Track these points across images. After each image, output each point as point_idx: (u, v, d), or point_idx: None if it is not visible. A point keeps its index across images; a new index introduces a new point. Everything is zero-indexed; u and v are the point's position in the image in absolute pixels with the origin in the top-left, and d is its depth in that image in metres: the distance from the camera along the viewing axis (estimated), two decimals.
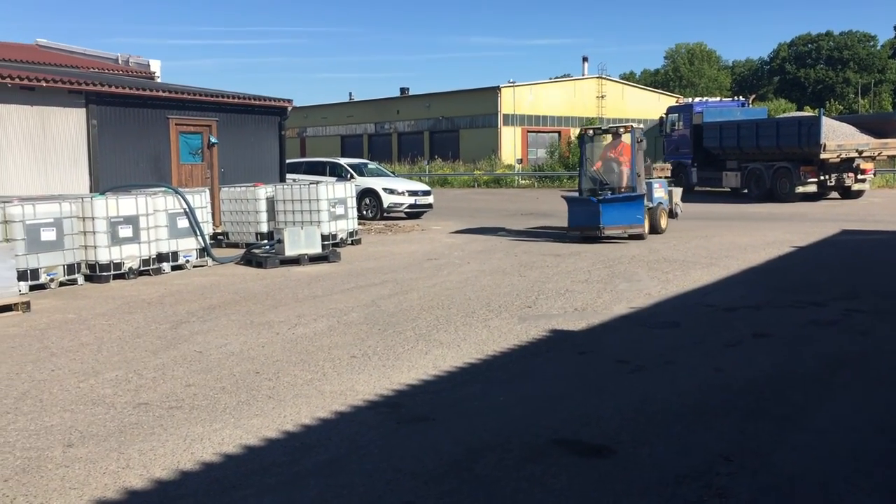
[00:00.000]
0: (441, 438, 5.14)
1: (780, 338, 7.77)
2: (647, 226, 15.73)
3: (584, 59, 59.33)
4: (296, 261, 13.31)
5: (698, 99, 35.39)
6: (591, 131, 16.84)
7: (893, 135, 24.55)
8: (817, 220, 19.14)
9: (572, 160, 37.60)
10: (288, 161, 20.92)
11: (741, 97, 35.30)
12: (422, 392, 6.16)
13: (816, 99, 74.30)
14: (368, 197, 22.47)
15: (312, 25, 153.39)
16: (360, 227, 17.54)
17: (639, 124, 16.75)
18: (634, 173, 15.63)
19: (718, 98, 40.47)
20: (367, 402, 5.90)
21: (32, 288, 10.90)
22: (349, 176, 22.59)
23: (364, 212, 21.95)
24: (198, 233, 13.34)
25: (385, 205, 22.36)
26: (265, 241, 15.21)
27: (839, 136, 24.31)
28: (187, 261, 13.17)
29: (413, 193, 22.89)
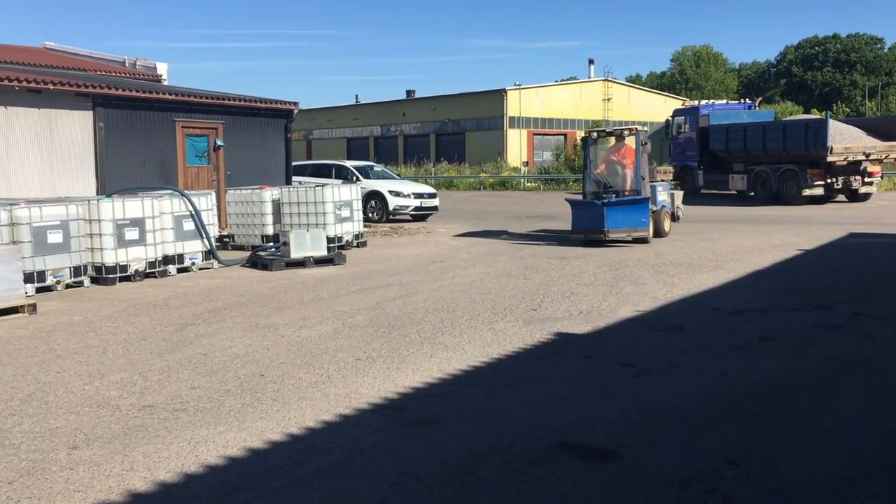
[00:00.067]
0: (445, 442, 5.13)
1: (787, 341, 7.75)
2: (652, 229, 15.72)
3: (591, 62, 59.31)
4: (301, 263, 13.33)
5: (704, 102, 35.38)
6: (595, 134, 16.68)
7: None
8: (824, 224, 19.09)
9: (578, 163, 37.55)
10: (294, 163, 20.95)
11: (748, 100, 35.17)
12: (426, 395, 6.16)
13: (823, 101, 74.11)
14: (374, 199, 22.48)
15: (319, 28, 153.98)
16: (366, 230, 17.55)
17: (643, 127, 16.69)
18: (639, 176, 15.55)
19: (725, 101, 40.43)
20: (372, 405, 5.89)
21: (39, 290, 10.94)
22: (355, 178, 22.60)
23: (370, 214, 21.97)
24: (203, 235, 13.37)
25: (391, 207, 22.37)
26: (271, 244, 15.22)
27: (846, 139, 24.26)
28: (193, 263, 13.19)
29: (419, 196, 22.89)
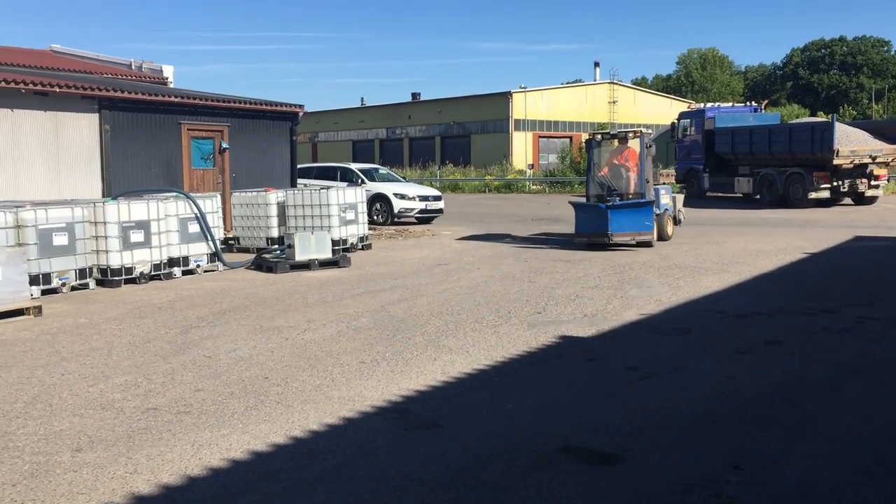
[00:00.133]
0: (449, 445, 5.12)
1: (792, 345, 7.72)
2: (656, 233, 15.60)
3: (596, 65, 59.34)
4: (306, 266, 13.33)
5: (710, 104, 35.33)
6: (600, 136, 16.56)
7: None
8: (830, 227, 19.03)
9: (583, 165, 37.49)
10: (299, 166, 20.98)
11: (754, 103, 35.14)
12: (430, 398, 6.15)
13: (830, 104, 73.95)
14: (379, 202, 22.49)
15: (324, 31, 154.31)
16: (371, 232, 17.56)
17: (648, 130, 16.63)
18: (643, 179, 15.45)
19: (731, 103, 40.35)
20: (376, 408, 5.89)
21: (44, 292, 10.97)
22: (360, 181, 22.62)
23: (375, 217, 21.98)
24: (209, 238, 13.39)
25: (396, 210, 22.38)
26: (276, 246, 15.24)
27: (852, 142, 24.19)
28: (198, 265, 13.21)
29: (424, 198, 22.89)
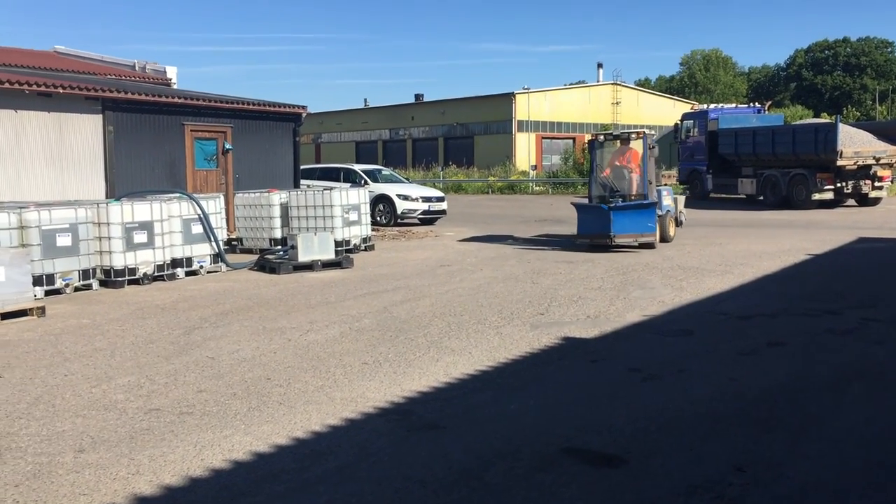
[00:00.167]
0: (451, 446, 5.12)
1: (795, 346, 7.70)
2: (658, 234, 15.48)
3: (599, 66, 59.42)
4: (309, 267, 13.34)
5: (713, 105, 35.30)
6: (602, 137, 16.47)
7: None
8: (833, 228, 19.00)
9: (587, 166, 37.46)
10: (302, 167, 20.99)
11: (757, 104, 35.10)
12: (433, 399, 6.15)
13: (833, 105, 73.82)
14: (382, 203, 22.50)
15: (328, 32, 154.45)
16: (374, 233, 17.56)
17: (651, 131, 16.57)
18: (646, 180, 15.37)
19: (734, 105, 40.35)
20: (378, 410, 5.89)
21: (48, 293, 10.98)
22: (363, 182, 22.64)
23: (378, 218, 21.98)
24: (212, 238, 13.40)
25: (399, 211, 22.38)
26: (279, 247, 15.24)
27: (856, 143, 24.15)
28: (201, 266, 13.22)
29: (427, 199, 22.90)
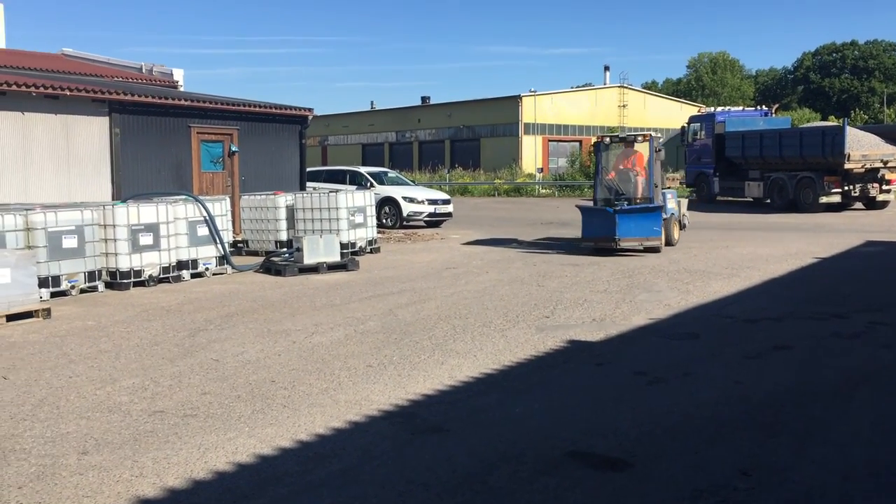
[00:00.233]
0: (455, 450, 5.10)
1: (802, 350, 7.67)
2: (663, 238, 15.34)
3: (606, 69, 59.33)
4: (314, 269, 13.34)
5: (720, 108, 35.21)
6: (608, 139, 16.30)
7: None
8: (841, 231, 18.93)
9: (593, 169, 37.48)
10: (308, 169, 20.98)
11: (764, 107, 35.02)
12: (437, 402, 6.13)
13: (841, 108, 73.57)
14: (388, 205, 22.50)
15: (334, 34, 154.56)
16: (380, 236, 17.55)
17: (657, 134, 16.51)
18: (651, 183, 15.26)
19: (741, 107, 40.25)
20: (382, 412, 5.87)
21: (54, 295, 11.00)
22: (369, 184, 22.63)
23: (383, 220, 21.98)
24: (217, 241, 13.41)
25: (405, 213, 22.37)
26: (284, 250, 15.26)
27: (864, 146, 24.07)
28: (207, 268, 13.23)
29: (433, 202, 22.88)
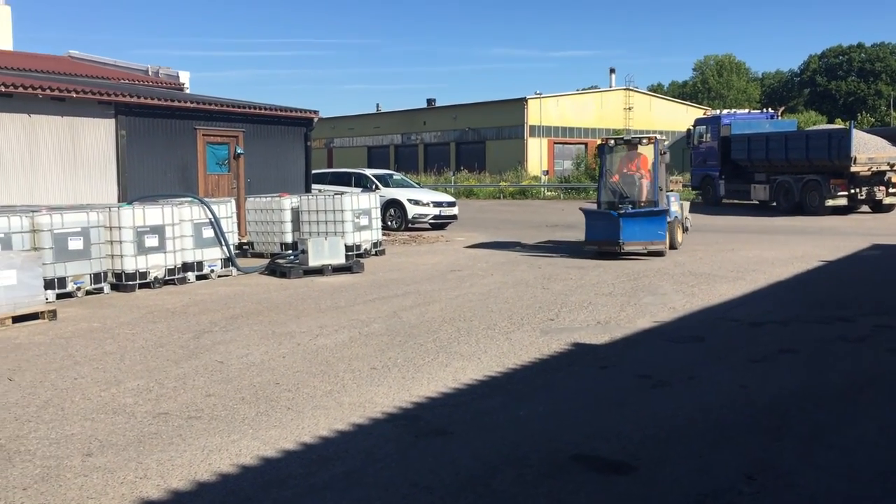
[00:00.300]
0: (459, 453, 5.09)
1: (807, 354, 7.64)
2: (668, 241, 15.09)
3: (612, 71, 59.26)
4: (319, 271, 13.34)
5: (726, 111, 35.17)
6: (613, 142, 16.21)
7: None
8: (847, 234, 18.88)
9: (598, 172, 37.43)
10: (314, 172, 21.03)
11: (770, 109, 34.96)
12: (441, 405, 6.12)
13: (848, 111, 73.34)
14: (393, 208, 22.51)
15: (340, 37, 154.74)
16: (385, 238, 17.56)
17: (662, 136, 16.44)
18: (656, 187, 15.14)
19: (747, 110, 40.21)
20: (386, 415, 5.87)
21: (59, 296, 11.03)
22: (374, 187, 22.65)
23: (389, 222, 21.99)
24: (223, 243, 13.42)
25: (410, 216, 22.38)
26: (289, 252, 15.27)
27: (870, 149, 24.02)
28: (212, 270, 13.25)
29: (438, 204, 22.90)
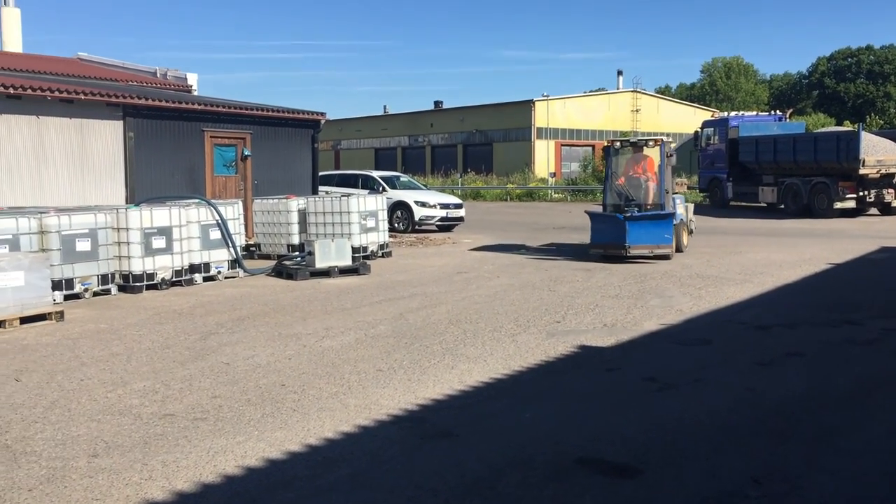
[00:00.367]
0: (464, 455, 5.08)
1: (815, 357, 7.61)
2: (674, 244, 14.93)
3: (619, 73, 59.15)
4: (326, 273, 13.35)
5: (734, 113, 35.09)
6: (618, 144, 16.00)
7: None
8: (855, 237, 18.80)
9: (604, 174, 37.36)
10: (321, 173, 21.06)
11: (778, 111, 34.88)
12: (446, 407, 6.12)
13: (856, 114, 73.05)
14: (400, 210, 22.52)
15: (348, 39, 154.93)
16: (392, 240, 17.56)
17: (669, 138, 16.34)
18: (663, 189, 14.99)
19: (755, 112, 40.11)
20: (391, 417, 5.86)
21: (67, 297, 11.05)
22: (381, 188, 22.66)
23: (395, 224, 22.00)
24: (230, 244, 13.45)
25: (416, 218, 22.39)
26: (296, 253, 15.28)
27: (879, 152, 23.91)
28: (219, 272, 13.27)
29: (445, 206, 22.90)
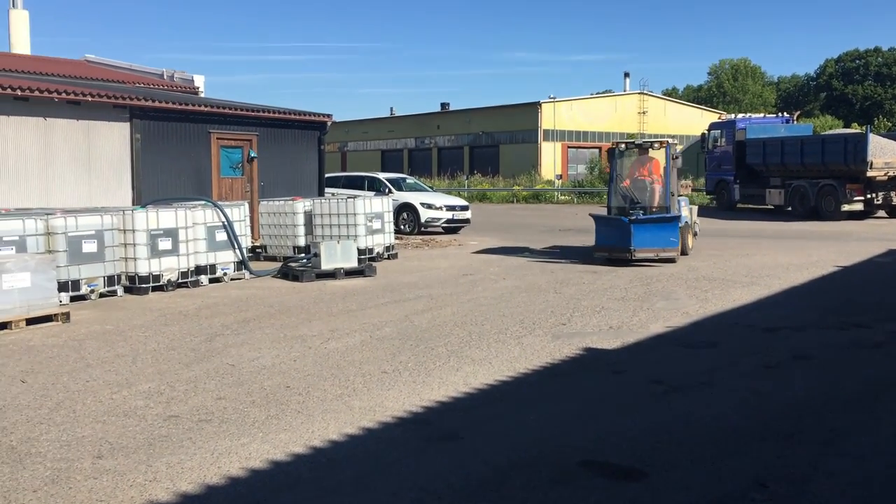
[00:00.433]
0: (469, 457, 5.07)
1: (822, 360, 7.57)
2: (679, 248, 14.75)
3: (626, 75, 59.26)
4: (332, 275, 13.35)
5: (741, 115, 35.00)
6: (623, 146, 15.88)
7: None
8: (863, 240, 18.73)
9: (609, 176, 37.30)
10: (327, 175, 21.09)
11: (785, 114, 34.76)
12: (451, 409, 6.10)
13: (864, 116, 72.78)
14: (406, 211, 22.52)
15: (354, 41, 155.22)
16: (397, 242, 17.56)
17: (675, 140, 16.27)
18: (668, 192, 14.84)
19: (762, 114, 39.96)
20: (396, 419, 5.85)
21: (73, 299, 11.07)
22: (387, 190, 22.66)
23: (401, 226, 21.99)
24: (236, 246, 13.46)
25: (422, 219, 22.38)
26: (302, 255, 15.29)
27: (887, 154, 23.84)
28: (225, 273, 13.28)
29: (451, 208, 22.89)
